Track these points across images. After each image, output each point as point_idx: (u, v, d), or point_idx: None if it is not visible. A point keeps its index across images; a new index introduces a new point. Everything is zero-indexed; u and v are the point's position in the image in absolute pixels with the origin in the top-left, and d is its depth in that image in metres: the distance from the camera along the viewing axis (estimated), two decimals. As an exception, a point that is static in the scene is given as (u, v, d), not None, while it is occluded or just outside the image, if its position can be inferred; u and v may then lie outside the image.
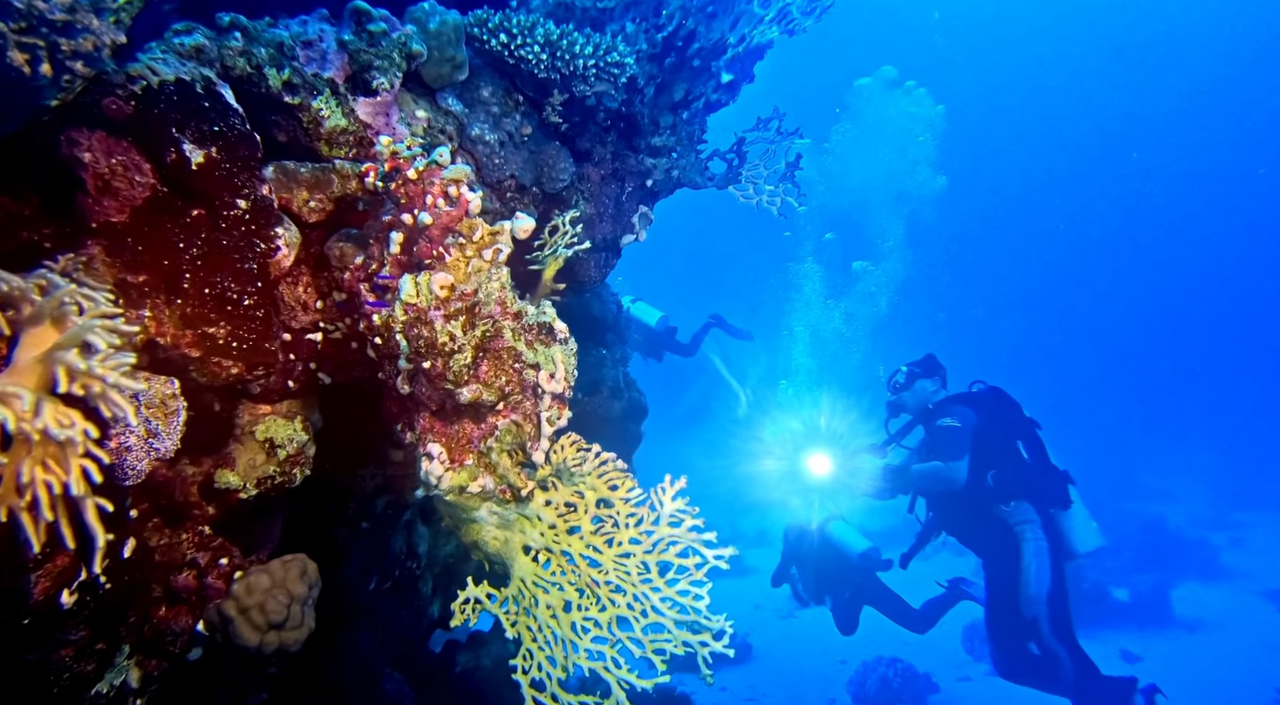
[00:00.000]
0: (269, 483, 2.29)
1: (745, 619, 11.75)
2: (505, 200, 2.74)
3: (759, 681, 10.28)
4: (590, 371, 5.66)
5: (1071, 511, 5.05)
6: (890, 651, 10.30)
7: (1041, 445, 5.18)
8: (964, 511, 5.28)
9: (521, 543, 2.01)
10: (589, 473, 1.93)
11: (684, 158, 3.11)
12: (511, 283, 1.91)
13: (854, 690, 9.77)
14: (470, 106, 2.57)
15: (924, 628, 7.33)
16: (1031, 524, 5.01)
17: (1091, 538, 5.07)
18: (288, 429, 2.30)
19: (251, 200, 1.94)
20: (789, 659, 10.85)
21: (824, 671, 10.48)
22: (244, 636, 2.02)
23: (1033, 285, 40.68)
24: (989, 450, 5.08)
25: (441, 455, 1.87)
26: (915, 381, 5.73)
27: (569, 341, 1.90)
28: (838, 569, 7.21)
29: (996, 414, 5.23)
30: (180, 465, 2.24)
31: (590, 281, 3.03)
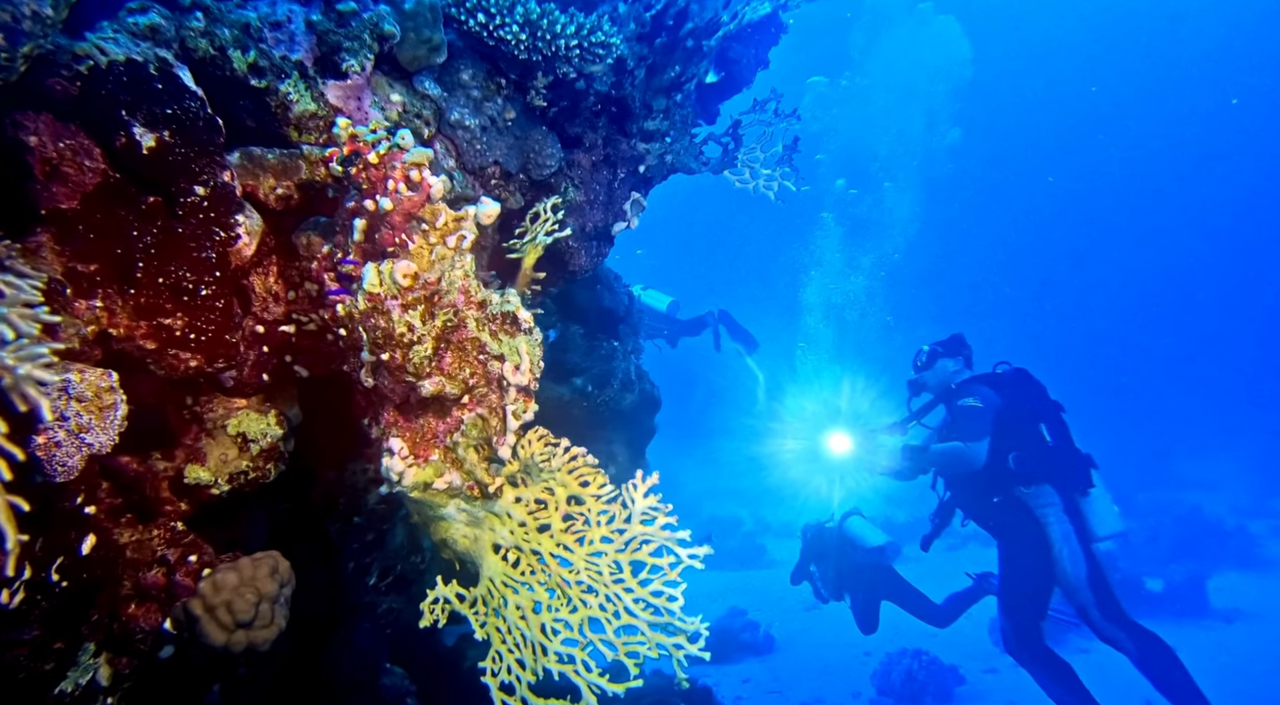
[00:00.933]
0: (242, 478, 2.22)
1: (769, 610, 11.62)
2: (489, 187, 2.64)
3: (782, 673, 10.16)
4: (601, 364, 5.57)
5: (1093, 494, 4.92)
6: (915, 643, 10.14)
7: (1065, 428, 5.06)
8: (984, 493, 5.16)
9: (491, 541, 1.92)
10: (558, 468, 1.84)
11: (678, 142, 3.00)
12: (476, 270, 1.81)
13: (878, 682, 9.62)
14: (450, 90, 2.48)
15: (945, 622, 7.23)
16: (1054, 508, 4.90)
17: (1112, 521, 4.93)
18: (261, 423, 2.22)
19: (211, 187, 1.86)
20: (813, 650, 10.72)
21: (848, 663, 10.34)
22: (210, 636, 1.96)
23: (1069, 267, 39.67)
24: (1011, 432, 4.98)
25: (402, 450, 1.78)
26: (937, 360, 5.61)
27: (534, 331, 1.80)
28: (856, 564, 7.12)
29: (1020, 396, 5.13)
30: (151, 460, 2.17)
31: (581, 270, 2.93)
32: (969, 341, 5.74)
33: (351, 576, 3.32)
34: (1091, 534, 4.90)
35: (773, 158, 3.06)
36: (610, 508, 1.86)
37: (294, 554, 3.02)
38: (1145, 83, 33.50)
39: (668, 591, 1.80)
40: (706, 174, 3.03)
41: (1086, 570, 4.80)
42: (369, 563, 3.44)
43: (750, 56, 6.65)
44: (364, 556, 3.39)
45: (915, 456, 5.36)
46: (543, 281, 2.99)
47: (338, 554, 3.12)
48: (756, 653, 10.71)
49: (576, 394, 5.43)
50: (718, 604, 11.82)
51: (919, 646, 10.01)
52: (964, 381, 5.37)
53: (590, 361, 5.59)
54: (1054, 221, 38.96)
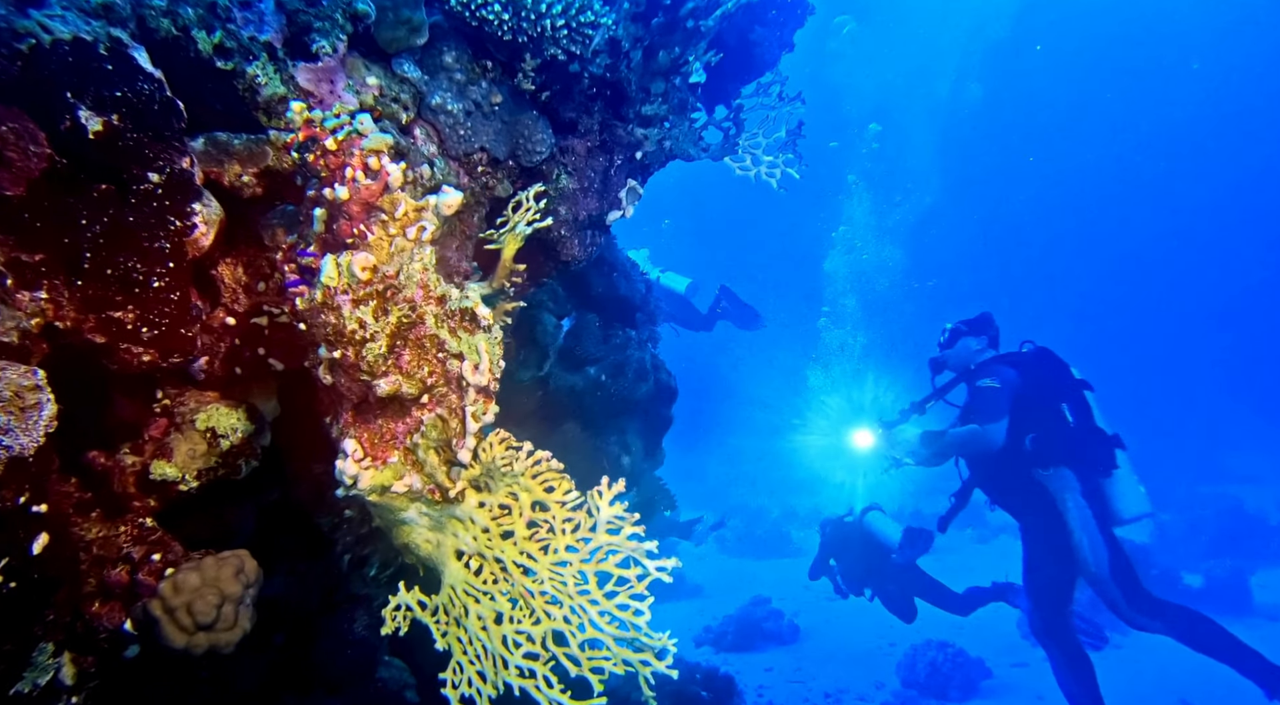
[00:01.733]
0: (211, 474, 2.15)
1: (794, 599, 11.49)
2: (476, 175, 2.53)
3: (805, 662, 10.05)
4: (616, 353, 5.47)
5: (1118, 475, 4.80)
6: (941, 635, 9.97)
7: (1088, 407, 4.93)
8: (1003, 475, 5.07)
9: (454, 547, 1.82)
10: (521, 473, 1.73)
11: (676, 127, 2.86)
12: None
13: (903, 673, 9.49)
14: (431, 73, 2.36)
15: (967, 610, 7.28)
16: (1071, 491, 4.79)
17: (1139, 502, 4.81)
18: (230, 418, 2.15)
19: (166, 174, 1.77)
20: (837, 640, 10.59)
21: (872, 653, 10.20)
22: (170, 638, 1.89)
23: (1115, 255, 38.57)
24: (1030, 413, 4.88)
25: (356, 452, 1.69)
26: (959, 339, 5.52)
27: (493, 329, 1.69)
28: (879, 559, 7.15)
29: (1041, 375, 5.02)
30: (119, 455, 2.11)
31: (574, 260, 2.81)
32: (997, 321, 5.60)
33: (349, 568, 3.26)
34: (1116, 516, 4.79)
35: (775, 143, 2.92)
36: (576, 515, 1.75)
37: (283, 547, 2.97)
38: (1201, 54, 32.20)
39: (634, 605, 1.69)
40: (706, 160, 2.89)
41: (1108, 558, 4.68)
42: (367, 554, 3.37)
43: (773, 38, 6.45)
44: (362, 548, 3.32)
45: (933, 442, 5.27)
46: (535, 272, 2.88)
47: (330, 546, 3.05)
48: (780, 641, 10.61)
49: (590, 383, 5.33)
50: (741, 592, 11.72)
51: (945, 639, 9.85)
52: (985, 361, 5.27)
53: (605, 350, 5.48)
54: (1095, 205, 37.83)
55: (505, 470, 1.74)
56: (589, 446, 5.58)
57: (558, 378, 5.21)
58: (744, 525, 15.82)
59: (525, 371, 4.96)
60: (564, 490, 1.75)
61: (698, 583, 12.75)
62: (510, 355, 4.97)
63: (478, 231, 2.56)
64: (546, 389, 5.11)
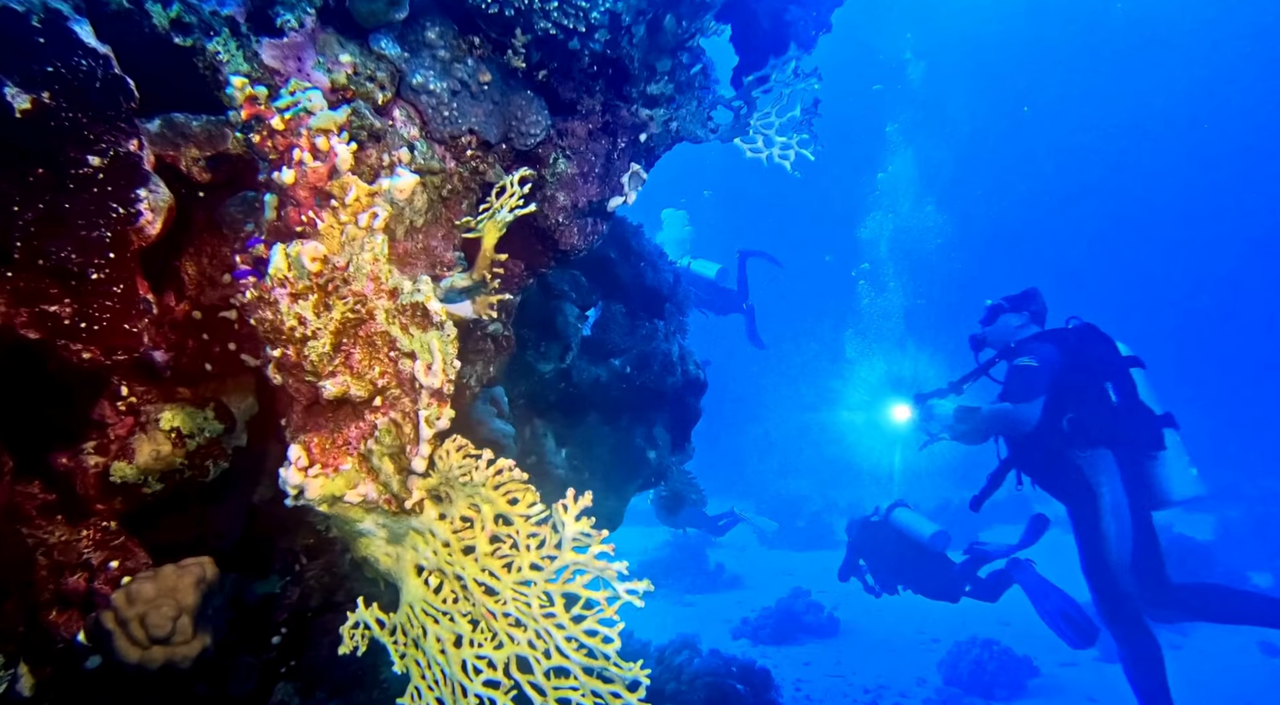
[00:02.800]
0: (177, 476, 2.02)
1: (834, 592, 11.21)
2: (464, 159, 2.36)
3: (845, 657, 9.81)
4: (642, 344, 5.30)
5: (1166, 456, 4.54)
6: (986, 632, 9.67)
7: (1132, 385, 4.69)
8: (1041, 456, 4.86)
9: (414, 561, 1.66)
10: (482, 483, 1.56)
11: (684, 107, 2.66)
12: (388, 253, 1.54)
13: (945, 671, 9.22)
14: (412, 50, 2.20)
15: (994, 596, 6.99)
16: (1108, 474, 4.56)
17: (1189, 484, 4.55)
18: (197, 417, 2.02)
19: (109, 157, 1.63)
20: (878, 634, 10.33)
21: (914, 649, 9.94)
22: (121, 652, 1.76)
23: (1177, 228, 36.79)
24: (1070, 392, 4.67)
25: (300, 459, 1.53)
26: (999, 316, 5.30)
27: (445, 325, 1.52)
28: (911, 556, 7.03)
29: (1083, 353, 4.78)
30: (82, 455, 1.99)
31: (574, 249, 2.63)
32: (1043, 297, 5.34)
33: (350, 567, 3.14)
34: (1165, 498, 4.54)
35: (790, 123, 2.70)
36: (541, 530, 1.57)
37: (280, 545, 2.85)
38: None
39: (603, 631, 1.51)
40: (715, 142, 2.69)
41: (1132, 548, 4.44)
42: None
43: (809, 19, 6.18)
44: (364, 546, 3.20)
45: (968, 418, 5.08)
46: (533, 262, 2.71)
47: (329, 546, 2.92)
48: (819, 635, 10.38)
49: (614, 376, 5.17)
50: (781, 584, 11.50)
51: (990, 636, 9.55)
52: (1025, 339, 5.05)
53: (631, 342, 5.31)
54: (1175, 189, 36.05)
55: (464, 480, 1.57)
56: (614, 440, 5.41)
57: (581, 370, 5.05)
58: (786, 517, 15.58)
59: (546, 364, 4.81)
60: (528, 503, 1.58)
61: (736, 573, 12.55)
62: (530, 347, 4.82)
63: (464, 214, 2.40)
64: (569, 381, 4.95)
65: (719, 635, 10.38)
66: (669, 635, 9.22)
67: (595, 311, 5.43)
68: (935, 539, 6.86)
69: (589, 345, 5.26)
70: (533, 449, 5.06)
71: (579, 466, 5.31)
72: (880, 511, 7.46)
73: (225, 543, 2.54)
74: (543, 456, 5.08)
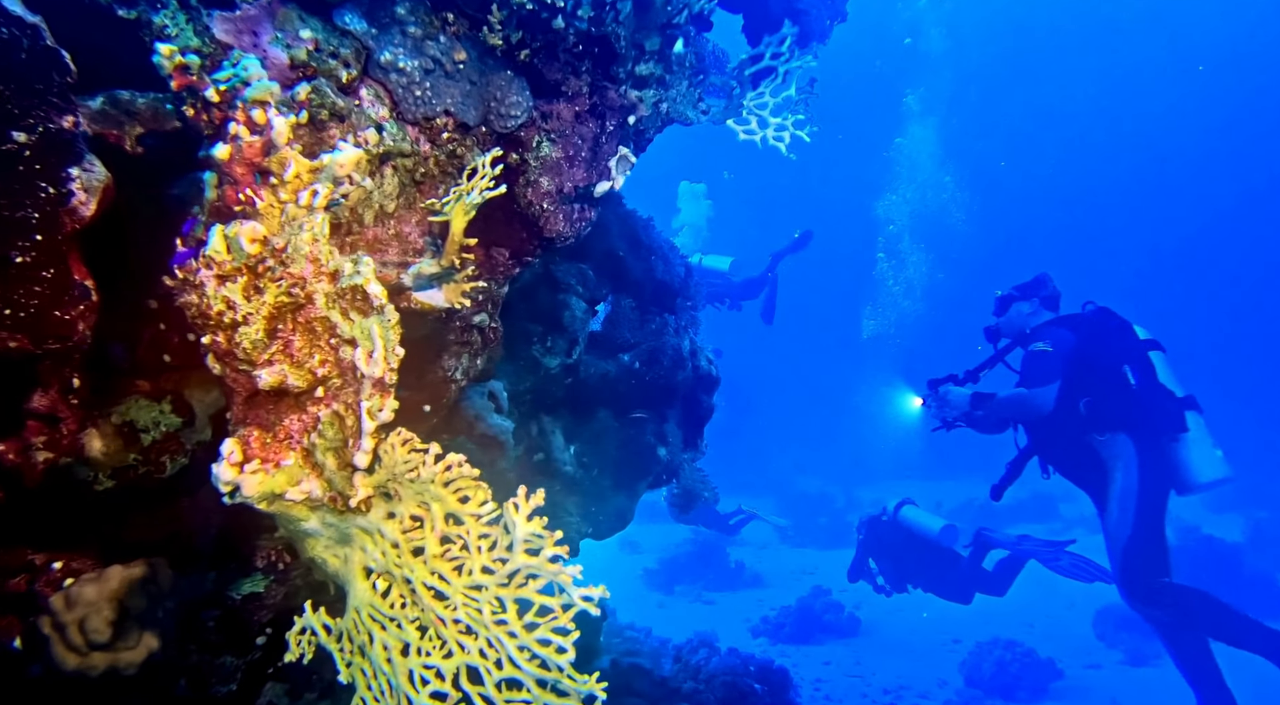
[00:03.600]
0: (130, 473, 1.92)
1: (854, 591, 11.01)
2: (440, 142, 2.24)
3: (865, 656, 9.61)
4: (651, 339, 5.16)
5: (1189, 439, 4.37)
6: (1009, 633, 9.43)
7: (1151, 368, 4.55)
8: (1060, 442, 4.74)
9: (363, 563, 1.53)
10: (430, 479, 1.43)
11: (674, 88, 2.52)
12: (327, 233, 1.41)
13: (967, 672, 9.00)
14: (381, 26, 2.07)
15: (1002, 589, 6.88)
16: (1124, 461, 4.40)
17: (1214, 467, 4.36)
18: (152, 411, 1.91)
19: (38, 133, 1.52)
20: (898, 634, 10.12)
21: (935, 650, 9.72)
22: (59, 658, 1.66)
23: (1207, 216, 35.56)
24: (1087, 375, 4.54)
25: (233, 454, 1.41)
26: (1010, 305, 5.19)
27: (385, 310, 1.39)
28: (920, 553, 7.00)
29: (1100, 336, 4.65)
30: (32, 451, 1.89)
31: (560, 237, 2.50)
32: (1054, 282, 5.23)
33: (338, 566, 3.03)
34: (1191, 482, 4.37)
35: (785, 103, 2.55)
36: (492, 531, 1.44)
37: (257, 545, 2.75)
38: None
39: (557, 640, 1.38)
40: (706, 124, 2.54)
41: (1129, 537, 4.28)
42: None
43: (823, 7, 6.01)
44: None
45: (984, 404, 4.96)
46: (518, 251, 2.58)
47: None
48: (840, 634, 10.19)
49: (623, 371, 5.03)
50: (802, 582, 11.32)
51: (1012, 637, 9.31)
52: (1041, 325, 4.93)
53: (640, 336, 5.17)
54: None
55: (412, 477, 1.44)
56: (623, 437, 5.28)
57: (589, 365, 4.93)
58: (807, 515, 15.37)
59: (552, 359, 4.69)
60: (479, 501, 1.44)
61: (757, 572, 12.37)
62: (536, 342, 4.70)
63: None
64: (576, 377, 4.82)
65: (738, 633, 10.22)
66: (688, 633, 9.08)
67: (606, 306, 5.30)
68: (944, 534, 6.77)
69: (598, 340, 5.13)
70: (540, 445, 4.94)
71: (588, 463, 5.18)
72: (888, 511, 7.38)
73: (201, 541, 2.44)
74: (550, 453, 4.96)
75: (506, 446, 3.69)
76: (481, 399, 3.59)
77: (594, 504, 5.12)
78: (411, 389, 2.62)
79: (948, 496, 15.96)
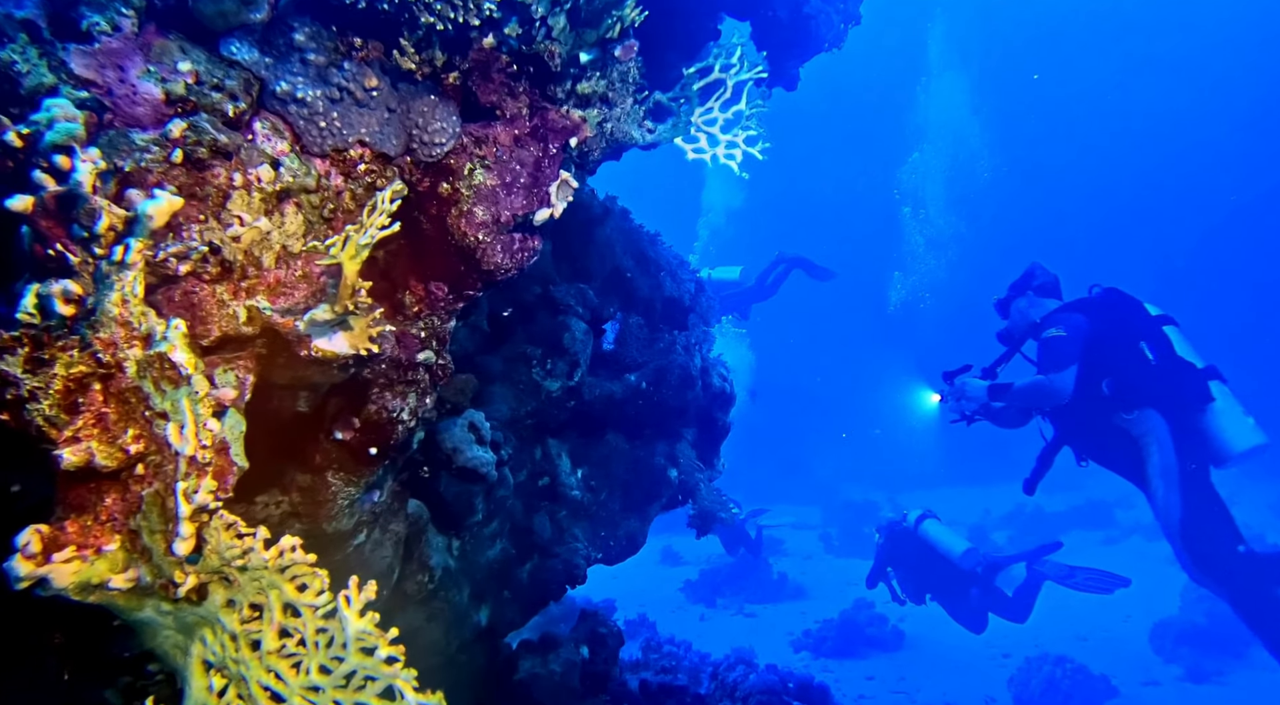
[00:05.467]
0: None
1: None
2: (356, 175, 2.05)
3: (909, 672, 9.22)
4: (657, 358, 4.93)
5: (1216, 409, 4.18)
6: (1061, 648, 8.96)
7: (1168, 342, 4.38)
8: (1088, 426, 4.62)
9: (201, 656, 1.34)
10: (262, 566, 1.24)
11: (618, 106, 2.30)
12: (140, 292, 1.23)
13: (1016, 689, 8.58)
14: (279, 55, 1.89)
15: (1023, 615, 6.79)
16: (1157, 436, 4.27)
17: (1247, 434, 4.14)
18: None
19: None
20: (944, 649, 9.68)
21: (983, 665, 9.28)
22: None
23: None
24: (1104, 356, 4.43)
25: (29, 545, 1.23)
26: (1010, 306, 5.08)
27: (194, 380, 1.20)
28: (939, 571, 6.91)
29: (1112, 316, 4.52)
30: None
31: (500, 270, 2.29)
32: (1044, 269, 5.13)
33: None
34: (1225, 453, 4.17)
35: (736, 118, 2.31)
36: (330, 625, 1.24)
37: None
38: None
39: (396, 756, 1.17)
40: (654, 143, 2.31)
41: (1180, 513, 4.12)
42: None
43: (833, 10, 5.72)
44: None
45: (1002, 394, 4.81)
46: (458, 286, 2.38)
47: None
48: (884, 648, 9.80)
49: (630, 391, 4.82)
50: (845, 594, 10.92)
51: (1064, 651, 8.85)
52: (1050, 312, 4.78)
53: (647, 356, 4.95)
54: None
55: (241, 564, 1.25)
56: (632, 459, 5.07)
57: (594, 386, 4.72)
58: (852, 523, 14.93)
59: (553, 381, 4.50)
60: (315, 591, 1.25)
61: (800, 583, 11.98)
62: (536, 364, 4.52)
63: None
64: (580, 399, 4.62)
65: (780, 647, 9.91)
66: (729, 647, 8.82)
67: (614, 324, 5.10)
68: (965, 557, 6.65)
69: (606, 360, 4.93)
70: (545, 469, 4.75)
71: (596, 487, 4.98)
72: (909, 521, 7.24)
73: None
74: (556, 477, 4.77)
75: (488, 480, 3.50)
76: (462, 431, 3.41)
77: (603, 529, 4.91)
78: (355, 431, 2.46)
79: (996, 503, 15.33)
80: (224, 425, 1.76)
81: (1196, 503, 4.12)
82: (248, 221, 1.79)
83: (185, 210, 1.71)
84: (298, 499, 2.54)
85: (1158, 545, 12.79)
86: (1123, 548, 13.08)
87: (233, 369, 1.82)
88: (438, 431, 3.35)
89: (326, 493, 2.55)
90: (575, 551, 4.67)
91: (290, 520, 2.58)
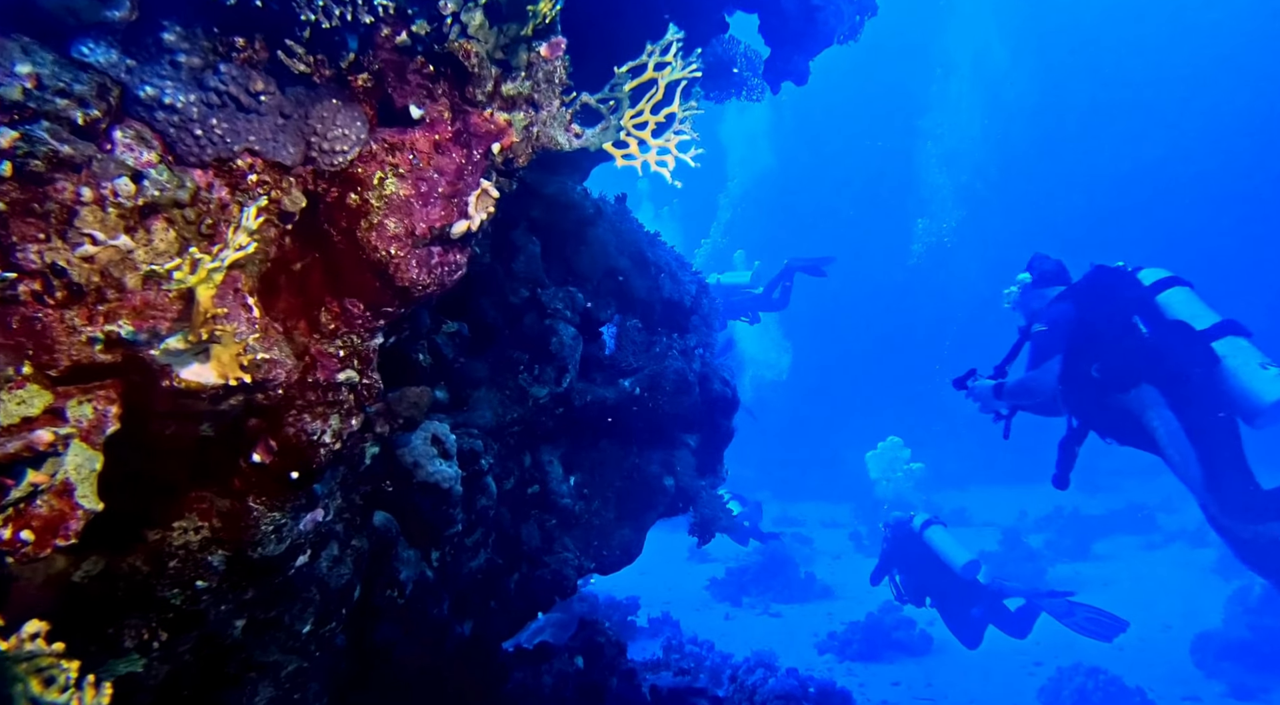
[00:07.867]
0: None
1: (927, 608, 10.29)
2: (247, 188, 1.86)
3: (937, 678, 8.90)
4: (652, 364, 4.70)
5: (1229, 367, 3.92)
6: (1094, 657, 8.56)
7: (1159, 310, 4.19)
8: (1097, 411, 4.45)
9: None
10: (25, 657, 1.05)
11: (544, 109, 2.07)
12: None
13: (1046, 699, 8.28)
14: (142, 57, 1.71)
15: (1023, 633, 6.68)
16: (1155, 408, 4.11)
17: (1270, 386, 3.83)
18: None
19: None
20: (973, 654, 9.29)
21: (1013, 673, 8.92)
22: None
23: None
24: (1091, 339, 4.31)
25: None
26: (1024, 301, 4.96)
27: None
28: (939, 579, 6.80)
29: (1097, 296, 4.39)
30: None
31: (416, 286, 2.08)
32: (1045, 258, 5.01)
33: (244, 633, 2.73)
34: (1254, 408, 3.87)
35: (668, 121, 2.07)
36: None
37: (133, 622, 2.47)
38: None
39: None
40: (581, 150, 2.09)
41: (1200, 470, 3.93)
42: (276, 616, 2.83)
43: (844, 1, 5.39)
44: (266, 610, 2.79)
45: (1003, 393, 4.77)
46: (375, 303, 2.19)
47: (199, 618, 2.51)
48: (910, 653, 9.48)
49: (624, 397, 4.60)
50: (873, 596, 10.59)
51: (1098, 661, 8.45)
52: (1042, 307, 4.75)
53: (643, 361, 4.73)
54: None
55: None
56: (626, 467, 4.86)
57: (586, 392, 4.52)
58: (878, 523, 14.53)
59: (540, 387, 4.31)
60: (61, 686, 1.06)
61: (828, 584, 11.66)
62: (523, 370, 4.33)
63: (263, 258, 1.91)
64: (569, 406, 4.42)
65: (804, 649, 9.64)
66: (753, 647, 8.60)
67: (612, 328, 4.89)
68: (967, 569, 6.56)
69: (600, 365, 4.72)
70: (535, 477, 4.57)
71: (589, 495, 4.78)
72: (915, 523, 7.16)
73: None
74: (546, 484, 4.59)
75: (451, 495, 3.32)
76: (422, 444, 3.23)
77: (596, 538, 4.72)
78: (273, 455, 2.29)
79: (1034, 503, 14.74)
80: (64, 466, 1.58)
81: (1215, 456, 3.92)
82: (101, 240, 1.61)
83: (19, 228, 1.53)
84: (219, 524, 2.39)
85: (1201, 552, 12.19)
86: (1163, 554, 12.49)
87: (90, 401, 1.65)
88: (395, 446, 3.18)
89: (248, 518, 2.39)
90: (565, 561, 4.48)
91: (212, 547, 2.43)
